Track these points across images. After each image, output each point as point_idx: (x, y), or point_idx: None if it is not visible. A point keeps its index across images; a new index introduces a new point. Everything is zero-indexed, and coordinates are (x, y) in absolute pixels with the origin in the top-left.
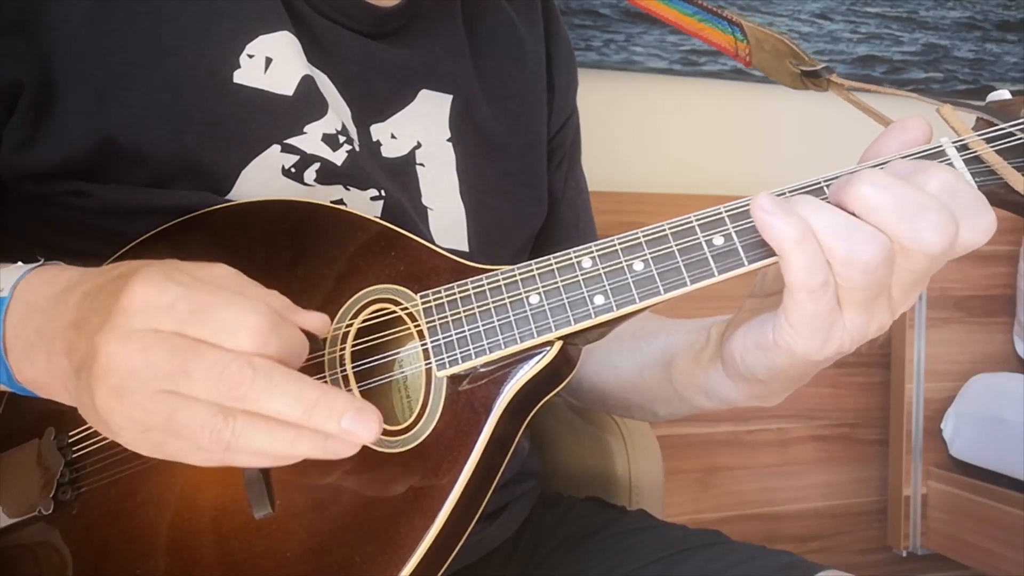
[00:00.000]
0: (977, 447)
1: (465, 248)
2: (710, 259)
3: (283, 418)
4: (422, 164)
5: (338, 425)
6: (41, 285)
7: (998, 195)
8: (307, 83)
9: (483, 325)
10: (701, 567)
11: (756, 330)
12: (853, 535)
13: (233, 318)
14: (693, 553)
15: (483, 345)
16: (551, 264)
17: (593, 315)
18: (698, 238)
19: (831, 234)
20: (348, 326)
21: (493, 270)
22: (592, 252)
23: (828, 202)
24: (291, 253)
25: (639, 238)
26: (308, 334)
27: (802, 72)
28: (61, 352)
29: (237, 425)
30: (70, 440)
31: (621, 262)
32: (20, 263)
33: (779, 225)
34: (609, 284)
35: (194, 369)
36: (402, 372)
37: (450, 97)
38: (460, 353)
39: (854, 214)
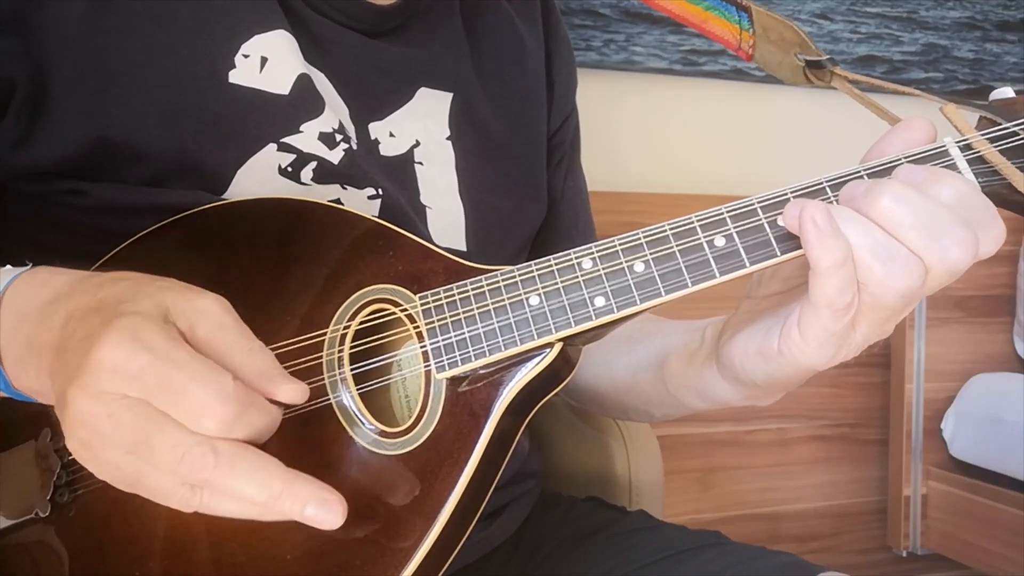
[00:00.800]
0: (977, 447)
1: (463, 247)
2: (711, 260)
3: (248, 501)
4: (421, 163)
5: (302, 512)
6: (30, 292)
7: (1001, 195)
8: (303, 82)
9: (483, 327)
10: (701, 567)
11: (758, 338)
12: (853, 535)
13: (199, 403)
14: (693, 553)
15: (483, 347)
16: (551, 265)
17: (594, 317)
18: (699, 239)
19: (871, 256)
20: (346, 328)
21: (493, 271)
22: (592, 253)
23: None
24: (287, 253)
25: (640, 239)
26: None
27: (806, 63)
28: (46, 372)
29: (204, 496)
30: None
31: (622, 263)
32: (8, 266)
33: (830, 245)
34: (610, 285)
35: (157, 445)
36: (401, 374)
37: (450, 95)
38: (460, 355)
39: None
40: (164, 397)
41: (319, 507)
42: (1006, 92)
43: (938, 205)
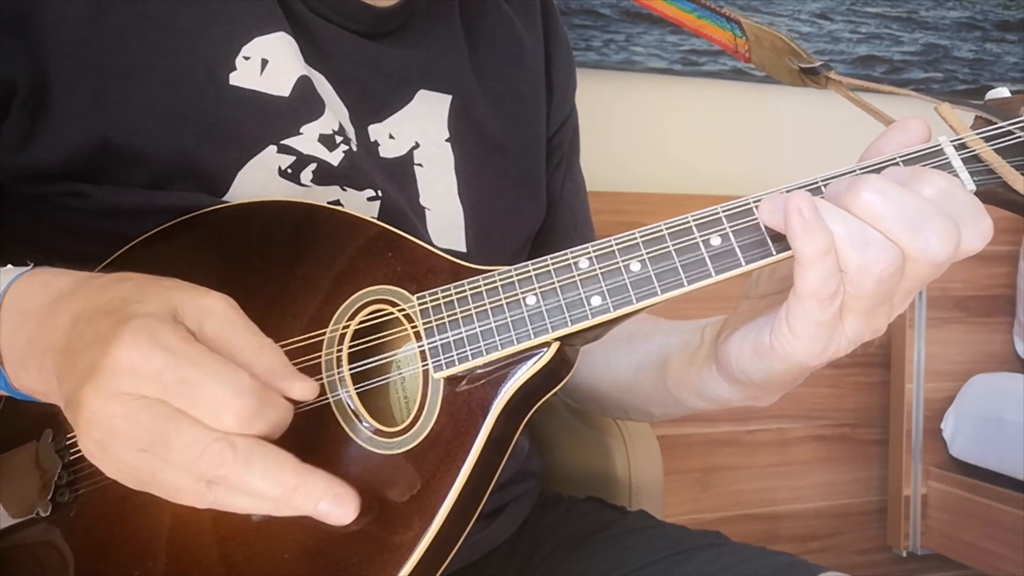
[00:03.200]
0: (977, 447)
1: (463, 248)
2: (707, 259)
3: (262, 496)
4: (420, 164)
5: (316, 508)
6: (32, 292)
7: (997, 194)
8: (304, 84)
9: (480, 327)
10: (701, 567)
11: (753, 335)
12: (853, 535)
13: (217, 399)
14: (693, 553)
15: (480, 347)
16: (548, 265)
17: (590, 316)
18: (695, 238)
19: (848, 244)
20: (345, 327)
21: (490, 271)
22: (589, 253)
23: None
24: (288, 254)
25: (636, 238)
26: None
27: (801, 69)
28: (51, 372)
29: (220, 492)
30: (68, 442)
31: (618, 263)
32: (10, 266)
33: (814, 235)
34: (606, 285)
35: (175, 442)
36: (400, 373)
37: (449, 97)
38: (457, 355)
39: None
40: (182, 395)
41: (332, 502)
42: (1001, 92)
43: (918, 198)
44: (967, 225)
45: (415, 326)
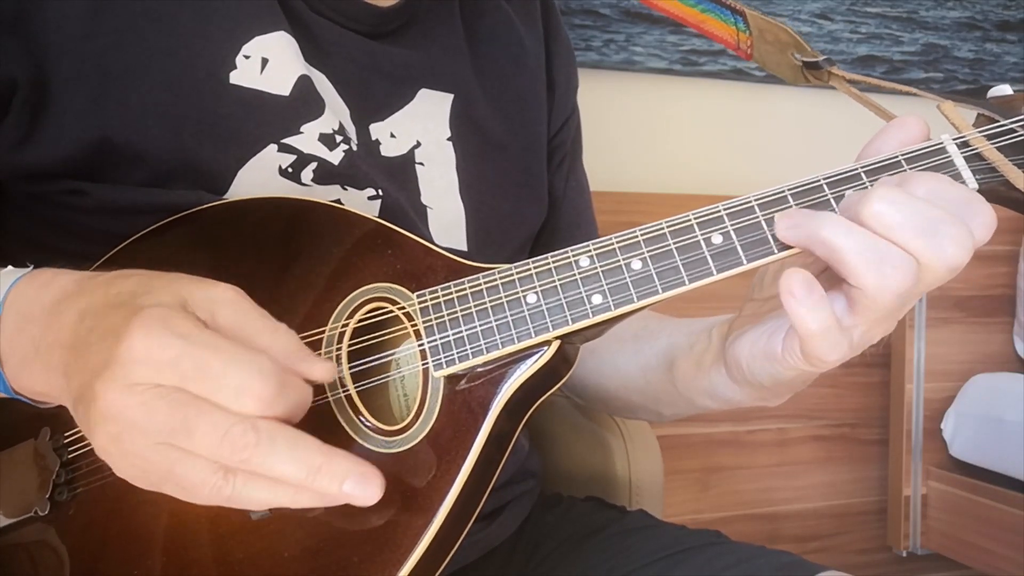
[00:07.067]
0: (977, 447)
1: (464, 248)
2: (708, 258)
3: (285, 480)
4: (421, 163)
5: (340, 489)
6: (33, 293)
7: (999, 192)
8: (304, 83)
9: (480, 325)
10: (701, 567)
11: (764, 341)
12: (853, 535)
13: (238, 382)
14: (693, 553)
15: (480, 345)
16: (548, 263)
17: (591, 315)
18: (696, 236)
19: (862, 259)
20: (344, 325)
21: (491, 269)
22: (590, 251)
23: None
24: (286, 251)
25: (637, 236)
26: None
27: (803, 64)
28: (58, 370)
29: (238, 482)
30: (66, 440)
31: (619, 261)
32: (10, 268)
33: (808, 316)
34: (607, 283)
35: (196, 428)
36: (399, 372)
37: (450, 96)
38: (457, 353)
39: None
40: (201, 381)
41: (358, 482)
42: (1004, 89)
43: (930, 206)
44: (970, 220)
45: (415, 324)
